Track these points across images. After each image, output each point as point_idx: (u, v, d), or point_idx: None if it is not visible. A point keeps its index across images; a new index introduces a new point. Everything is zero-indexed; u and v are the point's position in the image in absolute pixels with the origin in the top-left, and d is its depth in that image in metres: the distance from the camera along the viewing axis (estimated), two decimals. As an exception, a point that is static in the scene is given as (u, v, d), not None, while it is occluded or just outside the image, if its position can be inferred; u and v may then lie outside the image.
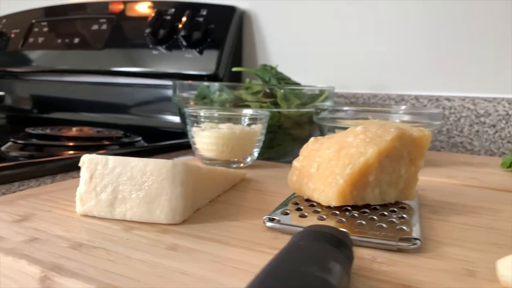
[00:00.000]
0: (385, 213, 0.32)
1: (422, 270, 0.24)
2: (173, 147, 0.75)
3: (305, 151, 0.36)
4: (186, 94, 0.68)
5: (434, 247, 0.28)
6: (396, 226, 0.29)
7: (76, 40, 1.05)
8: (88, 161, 0.31)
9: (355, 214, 0.31)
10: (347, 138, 0.34)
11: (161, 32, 0.91)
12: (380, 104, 0.80)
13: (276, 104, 0.63)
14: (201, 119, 0.51)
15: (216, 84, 0.66)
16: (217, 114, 0.52)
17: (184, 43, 0.88)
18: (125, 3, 1.02)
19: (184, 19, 0.89)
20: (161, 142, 0.76)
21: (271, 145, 0.65)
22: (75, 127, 0.85)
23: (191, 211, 0.32)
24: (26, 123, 0.92)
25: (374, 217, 0.31)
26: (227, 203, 0.36)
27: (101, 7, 1.05)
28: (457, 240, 0.29)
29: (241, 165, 0.53)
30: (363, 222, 0.30)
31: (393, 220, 0.31)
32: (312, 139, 0.37)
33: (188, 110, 0.53)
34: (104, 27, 1.02)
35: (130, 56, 0.96)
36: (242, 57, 0.95)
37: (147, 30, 0.91)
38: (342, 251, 0.21)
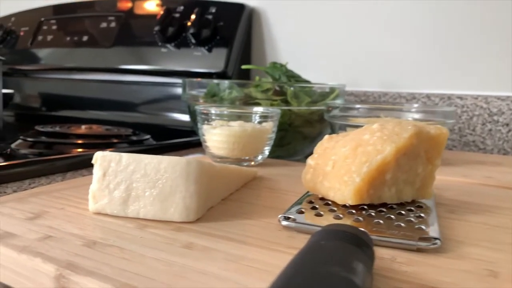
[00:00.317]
0: (402, 212, 0.32)
1: (443, 271, 0.24)
2: (182, 145, 0.75)
3: (319, 149, 0.36)
4: (195, 92, 0.68)
5: (454, 247, 0.27)
6: (414, 225, 0.29)
7: (85, 38, 1.05)
8: (101, 158, 0.31)
9: (372, 213, 0.31)
10: (364, 135, 0.33)
11: (170, 29, 0.90)
12: (392, 102, 0.80)
13: (286, 102, 0.62)
14: (212, 116, 0.51)
15: (226, 82, 0.65)
16: (228, 112, 0.52)
17: (193, 41, 0.88)
18: (133, 0, 1.02)
19: (193, 16, 0.89)
20: (170, 140, 0.76)
21: (282, 144, 0.64)
22: (84, 125, 0.85)
23: (204, 209, 0.32)
24: (35, 121, 0.93)
25: (392, 216, 0.30)
26: (240, 202, 0.36)
27: (110, 5, 1.05)
28: (477, 240, 0.28)
29: (252, 163, 0.52)
30: (380, 221, 0.29)
31: (411, 219, 0.30)
32: (326, 137, 0.37)
33: (199, 108, 0.52)
34: (113, 25, 1.02)
35: (138, 54, 0.96)
36: (251, 55, 0.94)
37: (156, 28, 0.91)
38: (364, 251, 0.20)
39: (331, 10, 0.85)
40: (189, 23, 0.89)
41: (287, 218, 0.30)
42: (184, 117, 0.91)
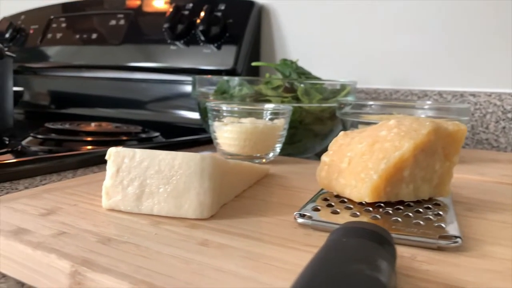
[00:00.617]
0: (419, 210, 0.31)
1: (466, 270, 0.23)
2: (192, 143, 0.74)
3: (334, 145, 0.35)
4: (205, 89, 0.68)
5: (475, 246, 0.26)
6: (433, 223, 0.28)
7: (94, 36, 1.05)
8: (115, 154, 0.30)
9: (389, 211, 0.30)
10: (380, 132, 0.32)
11: (179, 27, 0.90)
12: (403, 100, 0.79)
13: (297, 99, 0.62)
14: (223, 113, 0.50)
15: (236, 79, 0.65)
16: (240, 108, 0.51)
17: (202, 38, 0.88)
18: (142, -2, 1.01)
19: (202, 14, 0.89)
20: (179, 137, 0.75)
21: (292, 141, 0.63)
22: (94, 122, 0.85)
23: (218, 206, 0.31)
24: (44, 118, 0.93)
25: (409, 214, 0.30)
26: (253, 199, 0.35)
27: (119, 2, 1.05)
28: (498, 239, 0.28)
29: (263, 160, 0.52)
30: (398, 219, 0.29)
31: (430, 217, 0.29)
32: (341, 134, 0.36)
33: (210, 105, 0.52)
34: (122, 22, 1.02)
35: (147, 51, 0.96)
36: (260, 52, 0.94)
37: (165, 25, 0.91)
38: (386, 249, 0.20)
39: (342, 7, 0.85)
40: (198, 21, 0.89)
41: (302, 216, 0.29)
42: (193, 114, 0.91)
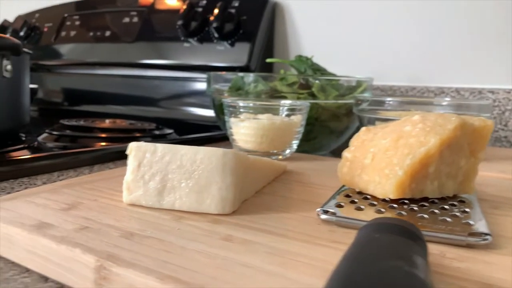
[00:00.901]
0: (445, 206, 0.30)
1: (498, 268, 0.22)
2: (206, 140, 0.74)
3: (356, 141, 0.35)
4: (220, 86, 0.67)
5: (505, 243, 0.26)
6: (460, 220, 0.28)
7: (107, 33, 1.05)
8: (136, 148, 0.30)
9: (414, 208, 0.30)
10: (404, 127, 0.32)
11: (193, 24, 0.90)
12: (420, 97, 0.78)
13: (313, 96, 0.61)
14: (240, 109, 0.50)
15: (251, 75, 0.64)
16: (257, 104, 0.51)
17: (216, 35, 0.87)
18: (156, -5, 1.01)
19: (216, 11, 0.88)
20: (193, 134, 0.75)
21: (308, 138, 0.63)
22: (108, 119, 0.85)
23: (239, 202, 0.31)
24: (58, 115, 0.93)
25: (435, 211, 0.29)
26: (273, 195, 0.35)
27: (132, 0, 1.05)
28: (528, 237, 0.27)
29: (280, 157, 0.51)
30: (424, 215, 0.28)
31: (456, 214, 0.29)
32: (363, 129, 0.35)
33: (227, 101, 0.51)
34: (135, 20, 1.02)
35: (161, 48, 0.96)
36: (274, 49, 0.93)
37: (179, 22, 0.91)
38: (419, 245, 0.19)
39: (356, 3, 0.84)
40: (212, 17, 0.88)
41: (325, 212, 0.29)
42: (206, 112, 0.91)
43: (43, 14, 1.19)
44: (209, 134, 0.77)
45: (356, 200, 0.31)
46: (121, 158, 0.59)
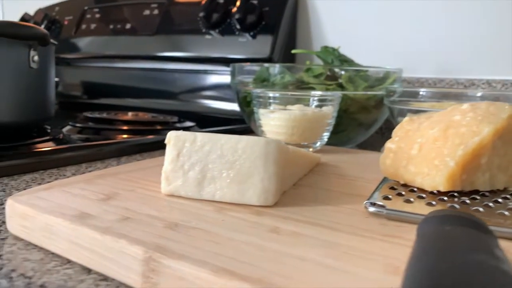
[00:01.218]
0: (498, 200, 0.29)
1: None
2: (229, 133, 0.73)
3: (400, 131, 0.33)
4: (242, 78, 0.66)
5: None
6: (519, 214, 0.26)
7: (128, 26, 1.05)
8: (175, 138, 0.29)
9: (466, 201, 0.28)
10: (453, 116, 0.30)
11: (214, 16, 0.89)
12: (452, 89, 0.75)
13: (341, 87, 0.59)
14: (270, 100, 0.49)
15: (277, 66, 0.63)
16: (290, 95, 0.49)
17: (238, 27, 0.86)
18: (176, -13, 1.00)
19: (238, 2, 0.87)
20: (215, 127, 0.74)
21: (336, 131, 0.61)
22: (131, 112, 0.85)
23: (280, 193, 0.30)
24: (78, 108, 0.93)
25: (490, 204, 0.28)
26: (312, 187, 0.34)
27: (152, -8, 1.04)
28: None
29: (310, 149, 0.50)
30: (479, 209, 0.27)
31: (512, 207, 0.27)
32: (406, 119, 0.34)
33: (256, 92, 0.50)
34: (156, 12, 1.01)
35: (181, 41, 0.95)
36: (296, 40, 0.92)
37: (200, 14, 0.90)
38: (491, 238, 0.18)
39: (383, -7, 0.82)
40: (234, 9, 0.87)
41: (373, 205, 0.27)
42: (227, 105, 0.90)
43: (63, 7, 1.19)
44: (232, 127, 0.76)
45: (403, 193, 0.30)
46: (147, 150, 0.58)
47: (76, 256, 0.24)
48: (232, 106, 0.88)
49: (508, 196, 0.30)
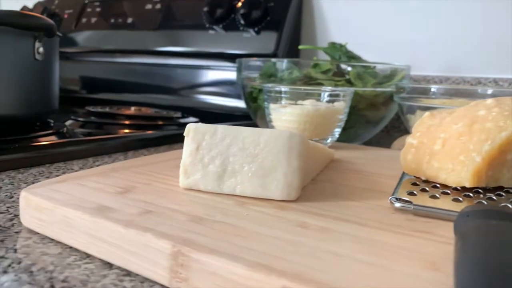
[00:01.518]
0: (524, 196, 0.28)
1: None
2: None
3: (421, 126, 0.33)
4: (250, 73, 0.65)
5: None
6: (547, 211, 0.26)
7: (129, 20, 1.03)
8: (194, 130, 0.29)
9: (493, 197, 0.28)
10: (478, 111, 0.30)
11: (218, 11, 0.88)
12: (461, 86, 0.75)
13: (350, 83, 0.59)
14: (281, 95, 0.48)
15: (285, 61, 0.62)
16: (303, 89, 0.49)
17: (242, 22, 0.85)
18: (179, -19, 0.99)
19: (242, -3, 0.86)
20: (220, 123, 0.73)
21: (344, 127, 0.60)
22: (134, 107, 0.84)
23: (301, 188, 0.29)
24: (79, 103, 0.92)
25: (517, 201, 0.27)
26: (331, 182, 0.33)
27: (154, -14, 1.03)
28: None
29: (321, 145, 0.49)
30: (508, 205, 0.26)
31: (540, 205, 0.27)
32: (427, 114, 0.33)
33: (267, 86, 0.50)
34: (158, 6, 1.00)
35: (184, 36, 0.94)
36: (301, 36, 0.91)
37: (204, 9, 0.89)
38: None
39: (389, -10, 0.81)
40: (238, 4, 0.86)
41: (398, 200, 0.27)
42: (231, 101, 0.89)
43: (63, 1, 1.18)
44: (237, 123, 0.75)
45: (426, 189, 0.29)
46: (153, 145, 0.57)
47: (96, 250, 0.23)
48: (235, 103, 0.87)
49: (532, 193, 0.29)
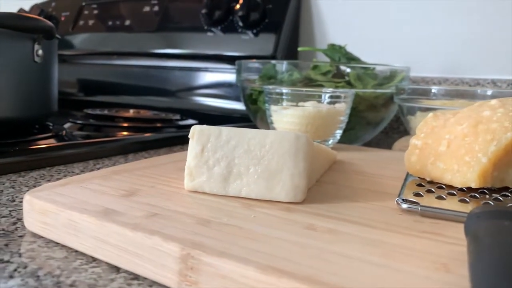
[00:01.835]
0: (529, 197, 0.28)
1: None
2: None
3: (425, 127, 0.33)
4: (250, 75, 0.65)
5: None
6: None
7: (127, 23, 1.03)
8: (199, 132, 0.28)
9: (499, 198, 0.28)
10: (482, 112, 0.30)
11: (217, 13, 0.88)
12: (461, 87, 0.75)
13: (350, 85, 0.59)
14: (283, 96, 0.48)
15: (284, 63, 0.62)
16: (305, 91, 0.49)
17: (241, 24, 0.85)
18: (177, -16, 0.99)
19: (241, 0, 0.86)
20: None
21: (344, 129, 0.61)
22: (132, 109, 0.83)
23: (307, 190, 0.29)
24: (75, 106, 0.91)
25: (523, 201, 0.27)
26: (335, 184, 0.33)
27: (152, -12, 1.03)
28: None
29: (322, 147, 0.49)
30: (515, 206, 0.26)
31: (545, 205, 0.27)
32: (431, 115, 0.33)
33: (268, 88, 0.49)
34: (156, 8, 1.00)
35: (183, 38, 0.94)
36: (299, 38, 0.91)
37: (202, 11, 0.88)
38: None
39: (387, -8, 0.81)
40: (237, 6, 0.86)
41: (405, 201, 0.27)
42: (229, 103, 0.88)
43: (60, 3, 1.17)
44: (236, 125, 0.75)
45: (432, 190, 0.29)
46: (153, 147, 0.57)
47: (102, 254, 0.23)
48: (234, 105, 0.87)
49: (537, 193, 0.29)
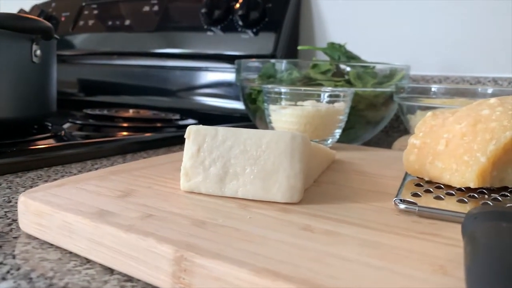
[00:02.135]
0: (529, 197, 0.28)
1: None
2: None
3: (423, 126, 0.32)
4: (249, 74, 0.65)
5: None
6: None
7: (127, 22, 1.03)
8: (195, 132, 0.28)
9: (498, 197, 0.27)
10: (481, 111, 0.29)
11: (217, 12, 0.87)
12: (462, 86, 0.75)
13: (349, 83, 0.58)
14: (282, 96, 0.48)
15: (284, 62, 0.62)
16: (303, 90, 0.48)
17: (241, 23, 0.85)
18: (177, -17, 0.99)
19: (240, -2, 0.86)
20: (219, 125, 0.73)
21: (344, 128, 0.60)
22: (132, 109, 0.83)
23: (304, 190, 0.29)
24: (74, 106, 0.91)
25: (522, 201, 0.27)
26: (333, 184, 0.33)
27: (152, -12, 1.03)
28: None
29: (321, 147, 0.49)
30: (514, 206, 0.26)
31: (545, 205, 0.26)
32: (429, 114, 0.33)
33: (267, 87, 0.49)
34: (155, 8, 0.99)
35: (182, 38, 0.93)
36: (299, 37, 0.90)
37: (202, 10, 0.88)
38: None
39: (387, -10, 0.81)
40: (236, 5, 0.86)
41: (402, 202, 0.26)
42: (229, 102, 0.88)
43: (60, 3, 1.17)
44: (235, 125, 0.75)
45: (431, 190, 0.29)
46: (152, 147, 0.57)
47: (96, 256, 0.23)
48: (234, 104, 0.86)
49: (537, 193, 0.29)
